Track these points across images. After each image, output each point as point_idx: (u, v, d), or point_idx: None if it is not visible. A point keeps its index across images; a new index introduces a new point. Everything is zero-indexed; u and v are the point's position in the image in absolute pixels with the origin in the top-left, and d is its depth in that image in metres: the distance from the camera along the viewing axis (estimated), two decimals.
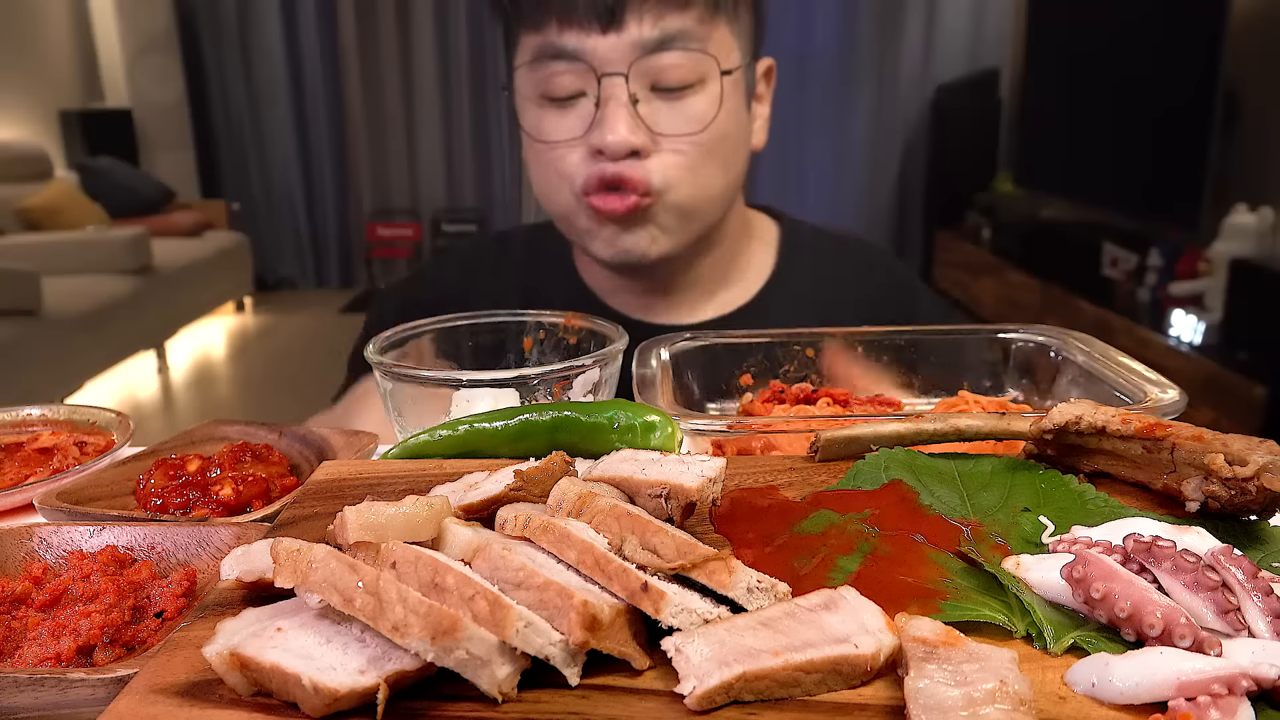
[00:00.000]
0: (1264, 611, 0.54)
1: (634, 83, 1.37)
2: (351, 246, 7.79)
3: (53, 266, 5.19)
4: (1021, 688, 0.48)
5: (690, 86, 1.40)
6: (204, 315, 6.61)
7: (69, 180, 6.50)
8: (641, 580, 0.54)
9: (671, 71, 1.38)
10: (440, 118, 7.63)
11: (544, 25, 1.39)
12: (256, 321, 7.21)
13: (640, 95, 1.38)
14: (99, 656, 0.69)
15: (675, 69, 1.38)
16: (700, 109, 1.41)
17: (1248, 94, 3.79)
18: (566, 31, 1.37)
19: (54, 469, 1.04)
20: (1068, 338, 1.15)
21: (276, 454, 1.03)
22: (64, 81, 7.17)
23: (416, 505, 0.60)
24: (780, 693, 0.51)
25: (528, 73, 1.44)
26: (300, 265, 7.80)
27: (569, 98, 1.41)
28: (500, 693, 0.50)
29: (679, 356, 1.12)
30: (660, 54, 1.37)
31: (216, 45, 7.49)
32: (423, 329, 1.17)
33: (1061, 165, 4.90)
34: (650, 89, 1.39)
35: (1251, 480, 0.64)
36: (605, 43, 1.36)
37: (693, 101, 1.41)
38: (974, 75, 6.25)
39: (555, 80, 1.41)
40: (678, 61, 1.38)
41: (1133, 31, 4.14)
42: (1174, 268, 4.11)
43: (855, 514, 0.68)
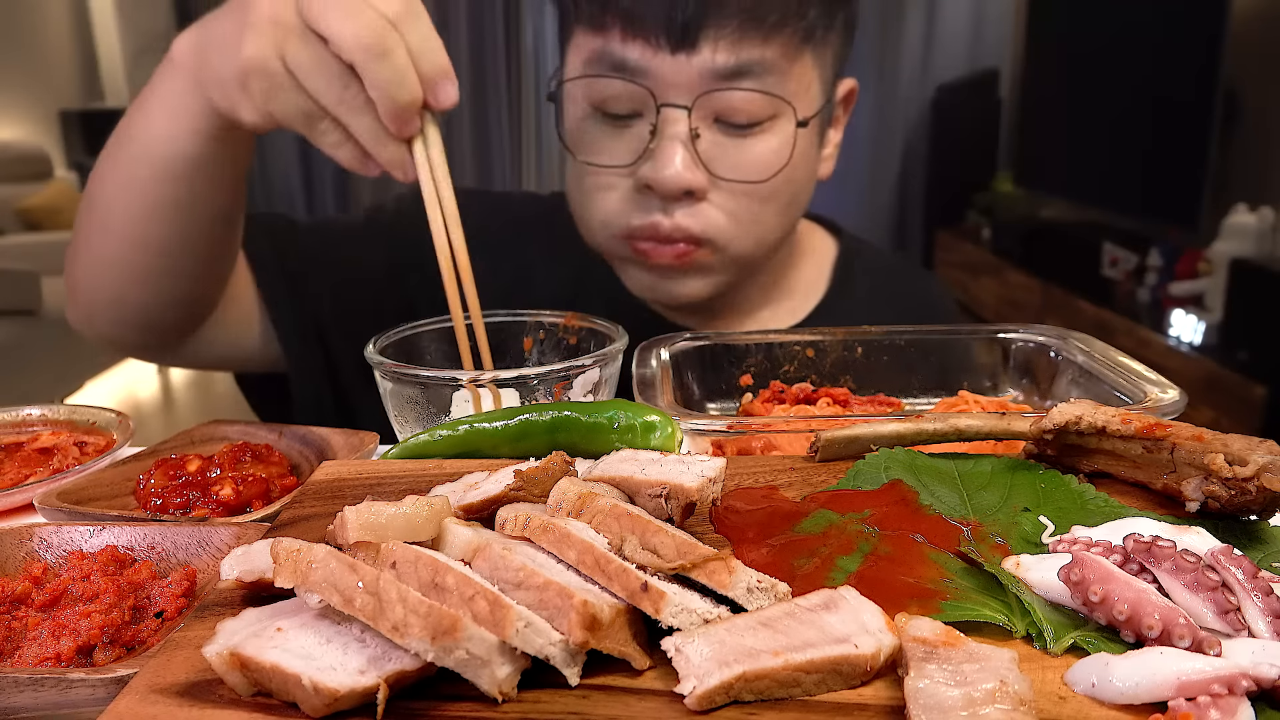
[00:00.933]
0: (1264, 611, 0.54)
1: (697, 114, 1.21)
2: None
3: (53, 266, 5.16)
4: (1021, 688, 0.48)
5: (759, 124, 1.24)
6: None
7: (69, 180, 6.51)
8: (641, 580, 0.54)
9: (741, 109, 1.22)
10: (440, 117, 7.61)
11: (606, 28, 1.22)
12: None
13: (702, 128, 1.22)
14: (99, 656, 0.69)
15: (746, 106, 1.22)
16: (767, 154, 1.26)
17: (1248, 94, 3.79)
18: (630, 42, 1.20)
19: (54, 469, 1.04)
20: (1068, 338, 1.15)
21: (276, 454, 1.03)
22: (64, 81, 7.18)
23: (416, 505, 0.60)
24: (780, 693, 0.51)
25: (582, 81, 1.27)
26: None
27: (622, 116, 1.25)
28: (500, 693, 0.50)
29: (679, 356, 1.12)
30: (732, 88, 1.20)
31: None
32: (422, 329, 1.17)
33: (1061, 165, 4.89)
34: (714, 120, 1.24)
35: (1251, 480, 0.64)
36: (672, 65, 1.19)
37: (760, 143, 1.25)
38: (974, 75, 6.25)
39: (609, 95, 1.24)
40: (750, 100, 1.22)
41: (1133, 31, 4.14)
42: (1174, 268, 4.11)
43: (855, 514, 0.68)
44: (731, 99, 1.21)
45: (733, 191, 1.26)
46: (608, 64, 1.23)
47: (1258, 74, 3.76)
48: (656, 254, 1.28)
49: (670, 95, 1.21)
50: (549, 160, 7.93)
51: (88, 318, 1.28)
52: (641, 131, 1.24)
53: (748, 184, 1.25)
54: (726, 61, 1.20)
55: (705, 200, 1.26)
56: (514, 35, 7.56)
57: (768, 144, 1.26)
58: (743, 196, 1.27)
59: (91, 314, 1.27)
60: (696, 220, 1.26)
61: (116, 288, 1.21)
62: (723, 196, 1.26)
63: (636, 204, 1.27)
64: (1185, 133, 3.93)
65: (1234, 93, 3.80)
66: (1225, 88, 3.75)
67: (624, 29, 1.20)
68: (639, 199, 1.26)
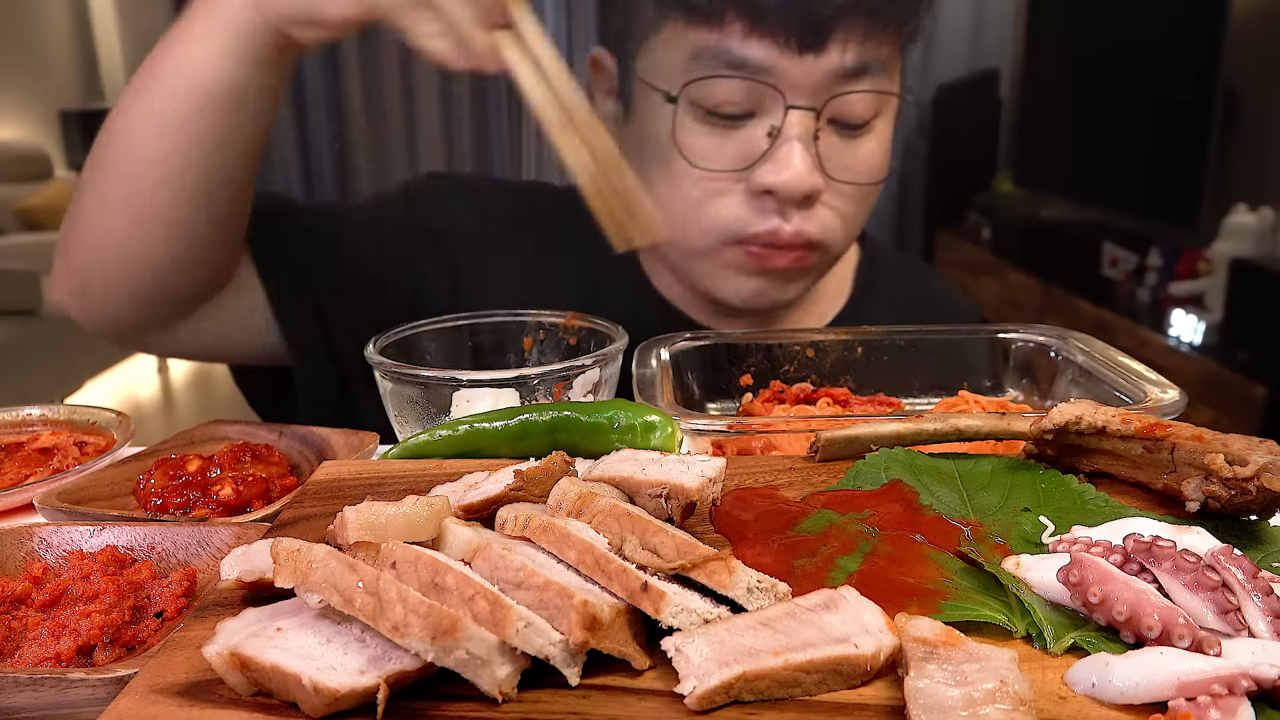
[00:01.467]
0: (1264, 611, 0.54)
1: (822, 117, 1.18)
2: None
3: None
4: (1021, 688, 0.48)
5: (866, 124, 1.23)
6: None
7: (69, 180, 6.50)
8: (641, 580, 0.54)
9: (857, 107, 1.20)
10: (440, 117, 7.62)
11: (723, 24, 1.16)
12: None
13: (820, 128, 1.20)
14: (99, 656, 0.69)
15: (861, 104, 1.20)
16: (873, 153, 1.25)
17: (1248, 94, 3.79)
18: (752, 40, 1.15)
19: (54, 469, 1.04)
20: (1068, 338, 1.15)
21: (276, 454, 1.03)
22: (64, 81, 7.17)
23: (416, 505, 0.60)
24: (780, 693, 0.51)
25: (682, 74, 1.20)
26: None
27: (732, 117, 1.20)
28: (500, 693, 0.50)
29: (679, 356, 1.12)
30: (853, 86, 1.18)
31: None
32: (422, 329, 1.17)
33: (1061, 165, 4.90)
34: (829, 122, 1.21)
35: (1251, 480, 0.64)
36: (799, 66, 1.15)
37: (866, 143, 1.25)
38: (974, 75, 6.25)
39: (722, 95, 1.18)
40: (865, 98, 1.20)
41: (1133, 31, 4.14)
42: (1174, 268, 4.11)
43: (855, 514, 0.68)
44: (851, 97, 1.19)
45: (841, 192, 1.24)
46: (723, 62, 1.17)
47: (1258, 74, 3.76)
48: (773, 259, 1.25)
49: (794, 96, 1.17)
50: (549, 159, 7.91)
51: (82, 288, 1.21)
52: (753, 132, 1.20)
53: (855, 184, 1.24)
54: (850, 61, 1.17)
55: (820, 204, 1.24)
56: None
57: (873, 143, 1.25)
58: (849, 197, 1.25)
59: (88, 283, 1.20)
60: (813, 224, 1.23)
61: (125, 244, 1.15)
62: (833, 197, 1.24)
63: (753, 209, 1.23)
64: (1185, 133, 3.93)
65: (1234, 93, 3.80)
66: (1225, 88, 3.75)
67: (747, 26, 1.15)
68: (755, 204, 1.22)
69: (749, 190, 1.22)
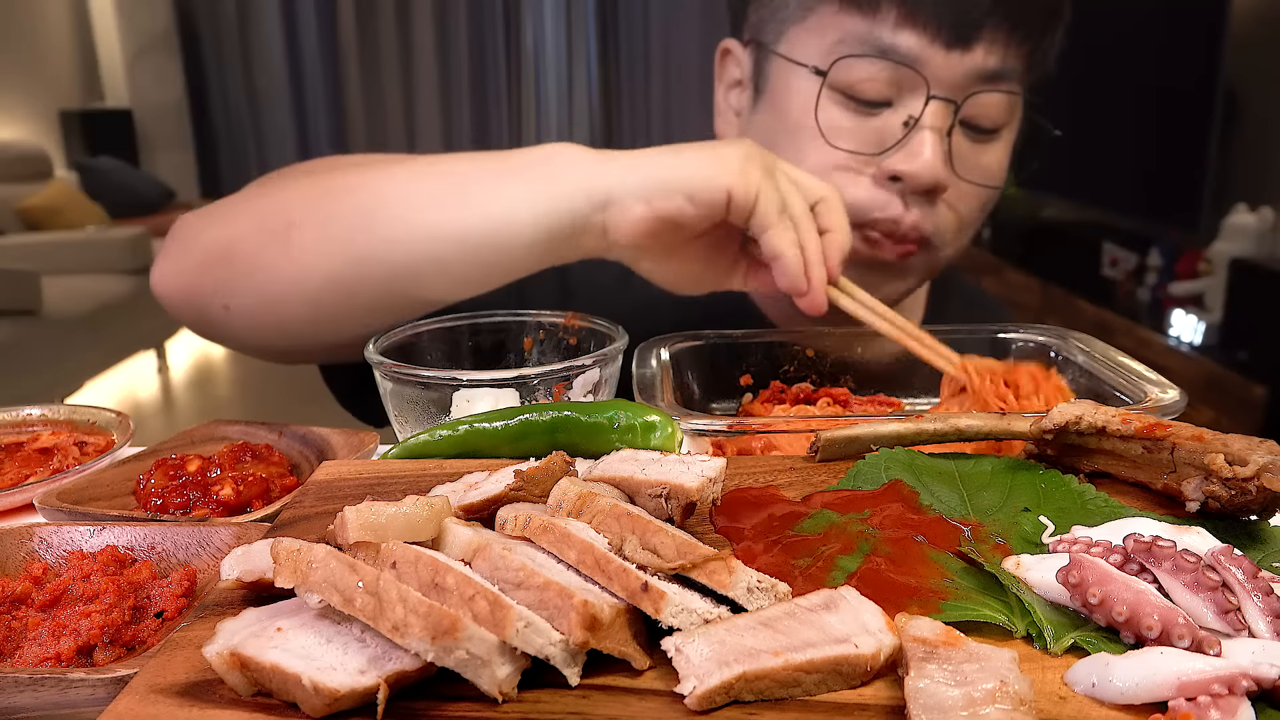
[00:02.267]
0: (1264, 611, 0.54)
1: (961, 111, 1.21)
2: None
3: (53, 266, 5.19)
4: (1021, 688, 0.48)
5: (996, 131, 1.26)
6: None
7: (69, 180, 6.50)
8: (641, 580, 0.54)
9: (991, 110, 1.23)
10: (440, 118, 7.62)
11: (878, 11, 1.19)
12: None
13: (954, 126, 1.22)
14: (99, 656, 0.69)
15: (995, 108, 1.23)
16: (997, 160, 1.28)
17: (1248, 94, 3.79)
18: (904, 30, 1.18)
19: (54, 469, 1.04)
20: (1068, 338, 1.15)
21: (276, 454, 1.02)
22: (64, 81, 7.17)
23: (416, 505, 0.60)
24: (780, 693, 0.51)
25: (826, 56, 1.23)
26: None
27: (872, 102, 1.23)
28: (500, 693, 0.50)
29: (679, 356, 1.12)
30: (991, 88, 1.21)
31: (216, 45, 7.48)
32: (422, 329, 1.17)
33: (1062, 165, 4.90)
34: (961, 122, 1.23)
35: (1251, 480, 0.64)
36: (946, 60, 1.18)
37: (992, 149, 1.27)
38: None
39: (867, 79, 1.21)
40: (999, 101, 1.23)
41: (1133, 32, 4.14)
42: (1174, 268, 4.11)
43: (855, 514, 0.68)
44: (989, 98, 1.22)
45: (963, 194, 1.26)
46: (872, 48, 1.20)
47: (1258, 74, 3.76)
48: (884, 249, 1.27)
49: (943, 91, 1.20)
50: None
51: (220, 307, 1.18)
52: (889, 120, 1.23)
53: (983, 188, 1.27)
54: (994, 64, 1.20)
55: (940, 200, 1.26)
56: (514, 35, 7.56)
57: (1000, 150, 1.28)
58: (970, 199, 1.27)
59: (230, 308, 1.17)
60: (930, 220, 1.25)
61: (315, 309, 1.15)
62: (954, 197, 1.26)
63: (879, 196, 1.25)
64: (1185, 133, 3.93)
65: (1234, 93, 3.80)
66: (1225, 88, 3.75)
67: (900, 15, 1.18)
68: (881, 191, 1.24)
69: (876, 176, 1.24)
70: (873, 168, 1.24)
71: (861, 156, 1.24)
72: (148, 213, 6.57)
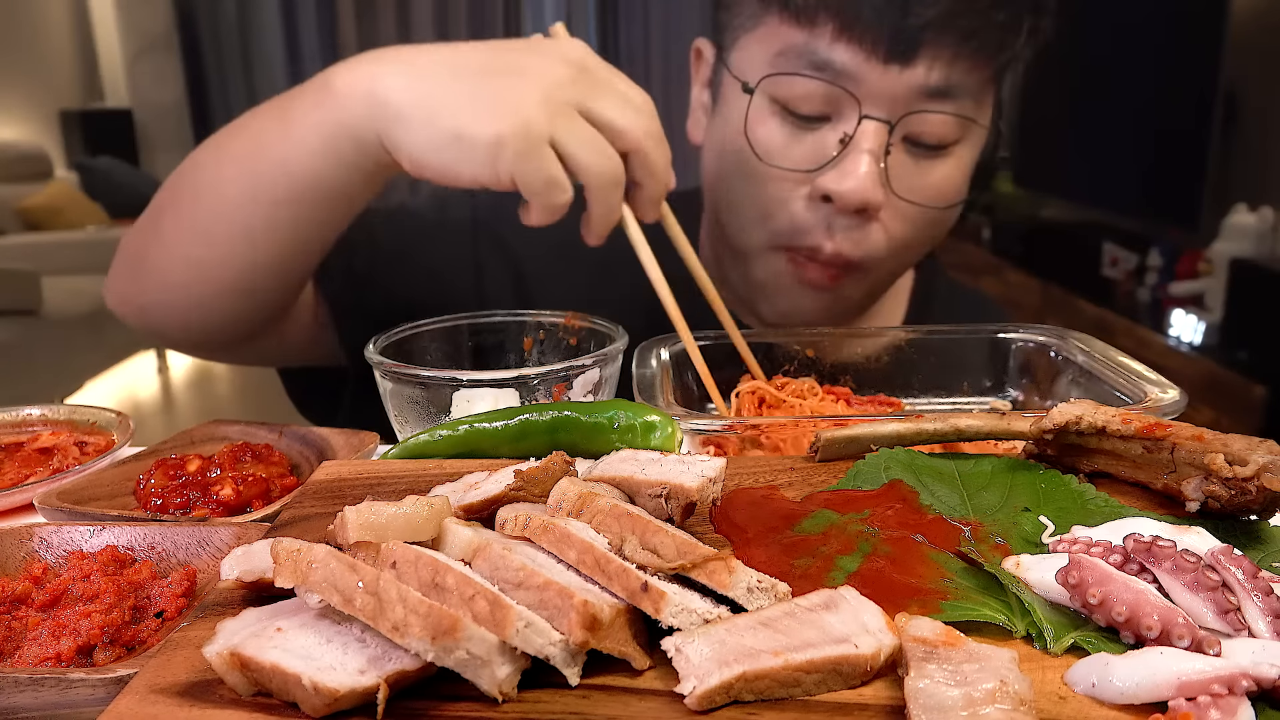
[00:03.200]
0: (1264, 611, 0.54)
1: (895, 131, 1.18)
2: None
3: (53, 266, 5.19)
4: (1021, 688, 0.48)
5: (944, 148, 1.22)
6: None
7: (69, 180, 6.51)
8: (641, 580, 0.54)
9: (936, 127, 1.19)
10: None
11: (815, 24, 1.16)
12: None
13: (893, 143, 1.19)
14: (99, 656, 0.69)
15: (940, 126, 1.19)
16: (946, 178, 1.23)
17: (1248, 94, 3.79)
18: (840, 44, 1.15)
19: (54, 469, 1.04)
20: (1068, 338, 1.15)
21: (276, 454, 1.02)
22: (64, 81, 7.18)
23: (416, 505, 0.60)
24: (780, 693, 0.51)
25: (766, 69, 1.21)
26: None
27: (807, 117, 1.20)
28: (500, 693, 0.50)
29: (679, 356, 1.12)
30: (934, 106, 1.17)
31: (216, 45, 7.48)
32: (422, 329, 1.17)
33: (1062, 165, 4.90)
34: (902, 138, 1.20)
35: (1251, 480, 0.64)
36: (883, 76, 1.15)
37: (942, 167, 1.23)
38: None
39: (802, 95, 1.19)
40: (946, 120, 1.18)
41: (1133, 32, 4.14)
42: (1174, 268, 4.11)
43: (855, 514, 0.68)
44: (930, 118, 1.18)
45: (901, 213, 1.23)
46: (808, 61, 1.18)
47: (1258, 74, 3.76)
48: (809, 271, 1.26)
49: (872, 106, 1.17)
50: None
51: (142, 309, 1.25)
52: (826, 136, 1.20)
53: (923, 207, 1.22)
54: (937, 81, 1.16)
55: (875, 219, 1.22)
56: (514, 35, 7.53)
57: (948, 168, 1.23)
58: (910, 219, 1.24)
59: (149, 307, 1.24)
60: (857, 247, 1.23)
61: (200, 294, 1.18)
62: (891, 217, 1.22)
63: (807, 218, 1.23)
64: (1185, 133, 3.93)
65: (1234, 93, 3.80)
66: (1225, 88, 3.75)
67: (838, 28, 1.15)
68: (810, 213, 1.22)
69: (810, 195, 1.22)
70: (807, 186, 1.22)
71: (797, 174, 1.22)
72: None
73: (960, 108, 1.20)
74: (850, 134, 1.18)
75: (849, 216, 1.21)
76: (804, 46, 1.17)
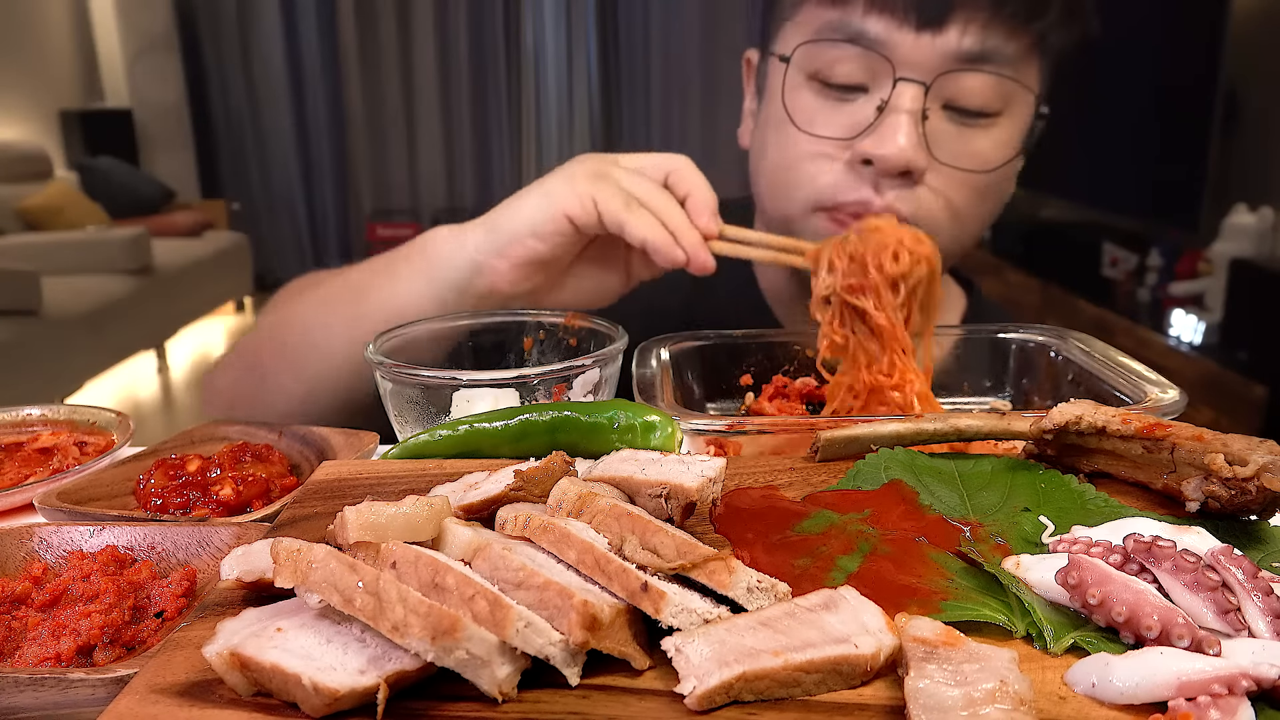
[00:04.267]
0: (1264, 611, 0.54)
1: (932, 95, 1.19)
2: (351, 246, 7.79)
3: (53, 266, 5.19)
4: (1021, 688, 0.48)
5: (988, 116, 1.23)
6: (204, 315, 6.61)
7: (69, 180, 6.50)
8: (641, 580, 0.54)
9: (975, 94, 1.20)
10: (440, 118, 7.63)
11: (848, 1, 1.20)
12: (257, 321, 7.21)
13: (932, 111, 1.20)
14: (99, 656, 0.69)
15: (980, 92, 1.20)
16: (994, 146, 1.24)
17: (1248, 94, 3.79)
18: (873, 15, 1.18)
19: (54, 469, 1.04)
20: (1068, 338, 1.15)
21: (276, 454, 1.02)
22: (64, 81, 7.18)
23: (416, 505, 0.60)
24: (780, 693, 0.51)
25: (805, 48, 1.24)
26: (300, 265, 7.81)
27: (845, 88, 1.23)
28: (500, 693, 0.50)
29: (679, 356, 1.12)
30: (971, 71, 1.18)
31: (216, 45, 7.49)
32: (422, 329, 1.16)
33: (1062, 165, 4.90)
34: (943, 106, 1.21)
35: (1251, 480, 0.64)
36: (916, 42, 1.17)
37: (987, 135, 1.23)
38: None
39: (837, 64, 1.21)
40: (985, 85, 1.20)
41: (1133, 32, 4.14)
42: (1174, 268, 4.11)
43: (855, 514, 0.68)
44: (969, 81, 1.19)
45: (951, 179, 1.23)
46: (843, 33, 1.20)
47: (1258, 74, 3.76)
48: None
49: (909, 73, 1.18)
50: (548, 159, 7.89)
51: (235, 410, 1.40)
52: (863, 106, 1.22)
53: (969, 173, 1.23)
54: (971, 46, 1.18)
55: (922, 184, 1.22)
56: (514, 35, 7.55)
57: (995, 136, 1.24)
58: (960, 187, 1.24)
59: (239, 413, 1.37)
60: (908, 203, 1.22)
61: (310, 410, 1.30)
62: (941, 182, 1.23)
63: (849, 180, 1.24)
64: (1185, 133, 3.93)
65: (1234, 93, 3.80)
66: (1225, 88, 3.75)
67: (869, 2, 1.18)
68: (852, 175, 1.23)
69: (850, 161, 1.23)
70: (847, 153, 1.23)
71: (836, 142, 1.23)
72: (148, 213, 6.57)
73: (997, 70, 1.20)
74: (886, 99, 1.19)
75: (894, 178, 1.22)
76: (839, 21, 1.21)
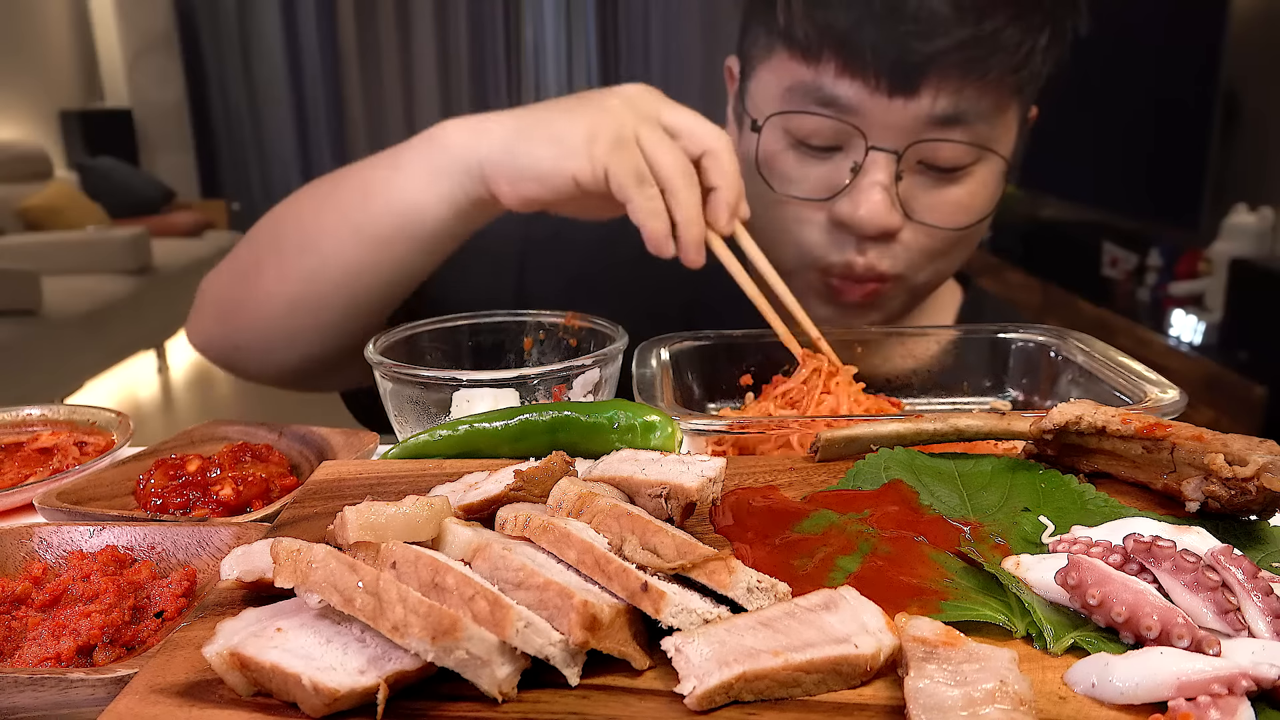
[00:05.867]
0: (1264, 611, 0.54)
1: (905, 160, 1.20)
2: None
3: (53, 266, 5.19)
4: (1021, 688, 0.48)
5: (961, 169, 1.23)
6: None
7: (69, 180, 6.50)
8: (641, 580, 0.54)
9: (948, 154, 1.21)
10: (440, 117, 7.61)
11: (820, 60, 1.18)
12: None
13: (905, 171, 1.21)
14: (99, 656, 0.69)
15: (950, 151, 1.20)
16: (967, 199, 1.25)
17: (1248, 94, 3.79)
18: (844, 80, 1.17)
19: (54, 469, 1.04)
20: (1068, 338, 1.15)
21: (276, 454, 1.02)
22: (64, 81, 7.17)
23: (416, 505, 0.60)
24: (780, 693, 0.51)
25: (777, 105, 1.24)
26: None
27: (821, 148, 1.23)
28: (500, 693, 0.50)
29: (679, 356, 1.12)
30: (944, 133, 1.19)
31: (216, 45, 7.48)
32: (422, 329, 1.17)
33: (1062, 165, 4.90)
34: (916, 162, 1.22)
35: (1251, 480, 0.64)
36: (889, 108, 1.17)
37: (960, 188, 1.24)
38: None
39: (809, 129, 1.22)
40: (958, 145, 1.20)
41: (1133, 32, 4.14)
42: (1174, 268, 4.11)
43: (855, 514, 0.68)
44: (940, 145, 1.20)
45: (926, 233, 1.25)
46: (814, 97, 1.21)
47: (1258, 74, 3.76)
48: (848, 292, 1.28)
49: (879, 137, 1.19)
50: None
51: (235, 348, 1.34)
52: (840, 165, 1.23)
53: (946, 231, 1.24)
54: (943, 109, 1.18)
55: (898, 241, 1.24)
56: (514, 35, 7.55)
57: (967, 189, 1.25)
58: (936, 237, 1.26)
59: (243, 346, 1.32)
60: (887, 260, 1.25)
61: (299, 332, 1.26)
62: (915, 234, 1.25)
63: (831, 239, 1.25)
64: (1185, 133, 3.93)
65: (1234, 93, 3.80)
66: (1225, 88, 3.75)
67: (842, 65, 1.17)
68: (834, 234, 1.25)
69: (829, 220, 1.24)
70: (825, 211, 1.24)
71: (813, 202, 1.24)
72: (148, 213, 6.57)
73: (972, 132, 1.20)
74: (860, 162, 1.20)
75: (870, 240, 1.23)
76: (811, 83, 1.20)
